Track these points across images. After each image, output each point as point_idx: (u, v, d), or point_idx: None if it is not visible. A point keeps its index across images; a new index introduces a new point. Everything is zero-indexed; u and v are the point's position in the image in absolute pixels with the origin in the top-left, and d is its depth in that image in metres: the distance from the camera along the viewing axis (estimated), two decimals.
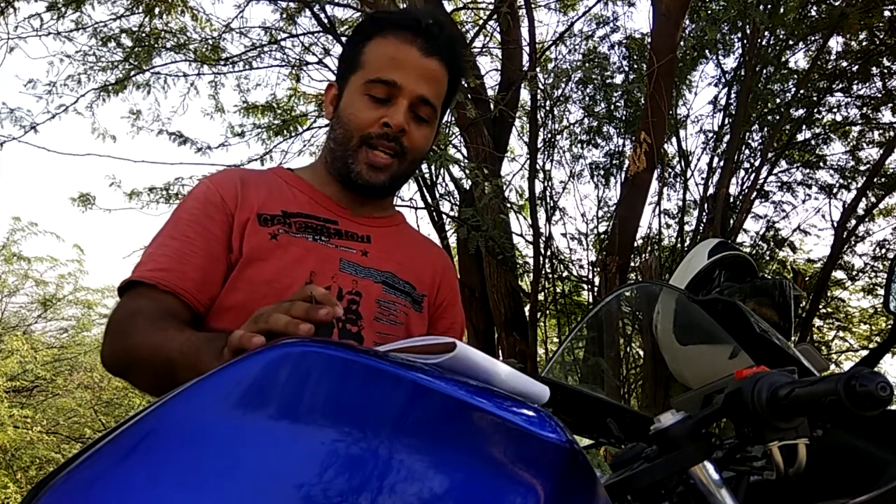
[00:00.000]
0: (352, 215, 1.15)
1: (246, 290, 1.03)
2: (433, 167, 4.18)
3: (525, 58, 4.45)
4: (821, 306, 5.77)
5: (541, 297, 4.61)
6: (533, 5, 4.41)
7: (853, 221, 5.50)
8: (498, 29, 4.74)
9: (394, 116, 1.06)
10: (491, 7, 4.79)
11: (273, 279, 1.03)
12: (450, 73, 1.13)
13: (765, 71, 4.99)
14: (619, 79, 5.37)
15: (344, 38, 4.35)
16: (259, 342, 0.69)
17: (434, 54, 1.09)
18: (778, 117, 5.28)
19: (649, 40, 4.07)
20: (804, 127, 5.62)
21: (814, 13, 5.03)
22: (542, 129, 4.72)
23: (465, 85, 3.84)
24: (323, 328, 0.81)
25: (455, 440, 0.58)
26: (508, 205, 4.45)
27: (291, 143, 5.06)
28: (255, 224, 1.06)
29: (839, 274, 6.10)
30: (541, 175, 4.77)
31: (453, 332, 1.24)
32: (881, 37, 5.09)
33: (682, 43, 4.25)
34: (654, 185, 4.34)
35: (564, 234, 5.43)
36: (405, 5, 3.89)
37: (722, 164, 4.93)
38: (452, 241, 4.61)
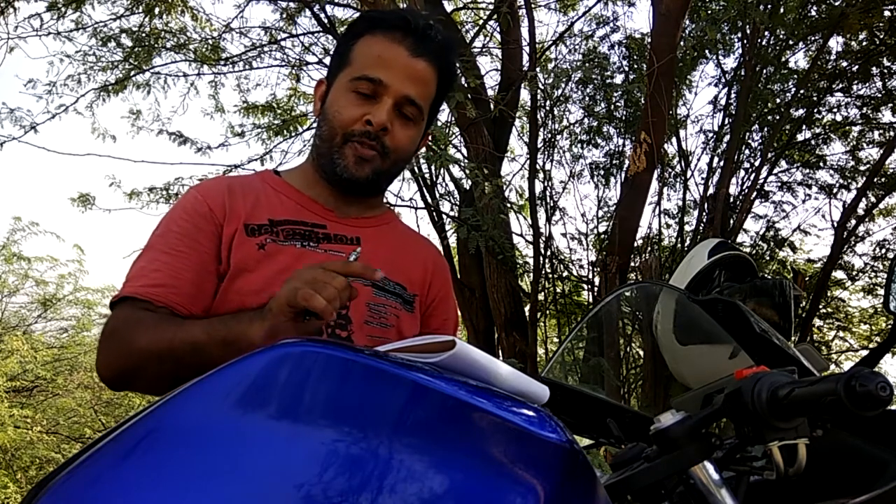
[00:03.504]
0: (340, 217, 1.14)
1: (236, 302, 1.03)
2: (433, 167, 4.18)
3: (525, 58, 4.45)
4: (821, 306, 5.77)
5: (541, 297, 4.60)
6: (533, 5, 4.41)
7: (853, 221, 5.50)
8: (498, 29, 4.73)
9: (377, 114, 1.05)
10: (491, 7, 4.79)
11: (262, 289, 1.03)
12: (439, 74, 1.11)
13: (765, 71, 4.98)
14: (619, 79, 5.36)
15: None
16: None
17: (423, 55, 1.08)
18: (778, 117, 5.27)
19: (649, 40, 4.07)
20: (804, 127, 5.61)
21: (814, 13, 5.03)
22: (542, 129, 4.71)
23: (465, 85, 3.83)
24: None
25: (455, 440, 0.58)
26: (508, 205, 4.45)
27: (291, 143, 5.06)
28: (243, 234, 1.06)
29: (839, 274, 6.10)
30: (541, 175, 4.76)
31: (446, 329, 1.23)
32: (881, 37, 5.09)
33: (682, 43, 4.24)
34: (654, 185, 4.34)
35: (564, 234, 5.42)
36: (405, 5, 3.88)
37: (722, 164, 4.93)
38: (452, 241, 4.61)
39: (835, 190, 5.74)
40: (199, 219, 1.06)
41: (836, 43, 5.24)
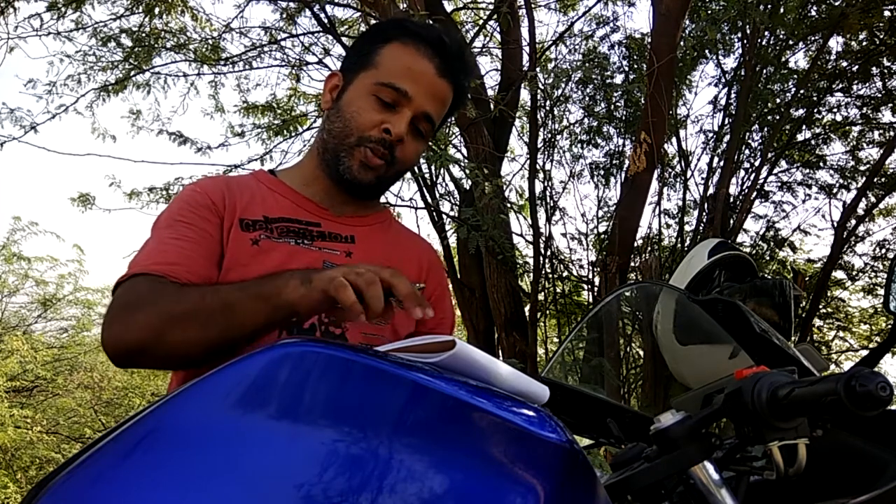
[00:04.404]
0: (335, 215, 1.14)
1: None
2: (433, 167, 4.18)
3: (525, 58, 4.45)
4: (821, 306, 5.77)
5: (541, 297, 4.60)
6: (533, 5, 4.41)
7: (853, 221, 5.50)
8: (498, 29, 4.73)
9: (396, 125, 1.06)
10: (491, 7, 4.78)
11: None
12: (454, 97, 1.14)
13: (765, 71, 4.98)
14: (619, 79, 5.36)
15: (345, 39, 4.35)
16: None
17: (447, 76, 1.10)
18: (778, 117, 5.27)
19: (649, 40, 4.07)
20: (804, 127, 5.61)
21: (814, 13, 5.03)
22: (542, 129, 4.71)
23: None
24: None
25: (455, 440, 0.58)
26: (508, 205, 4.45)
27: (291, 143, 5.06)
28: (238, 229, 1.06)
29: (839, 274, 6.10)
30: (541, 175, 4.76)
31: (442, 328, 1.23)
32: (881, 37, 5.09)
33: (682, 43, 4.24)
34: (654, 185, 4.34)
35: (564, 234, 5.43)
36: (405, 6, 3.88)
37: (722, 164, 4.93)
38: (452, 241, 4.61)
39: (835, 190, 5.75)
40: (202, 209, 1.05)
41: (836, 43, 5.25)
